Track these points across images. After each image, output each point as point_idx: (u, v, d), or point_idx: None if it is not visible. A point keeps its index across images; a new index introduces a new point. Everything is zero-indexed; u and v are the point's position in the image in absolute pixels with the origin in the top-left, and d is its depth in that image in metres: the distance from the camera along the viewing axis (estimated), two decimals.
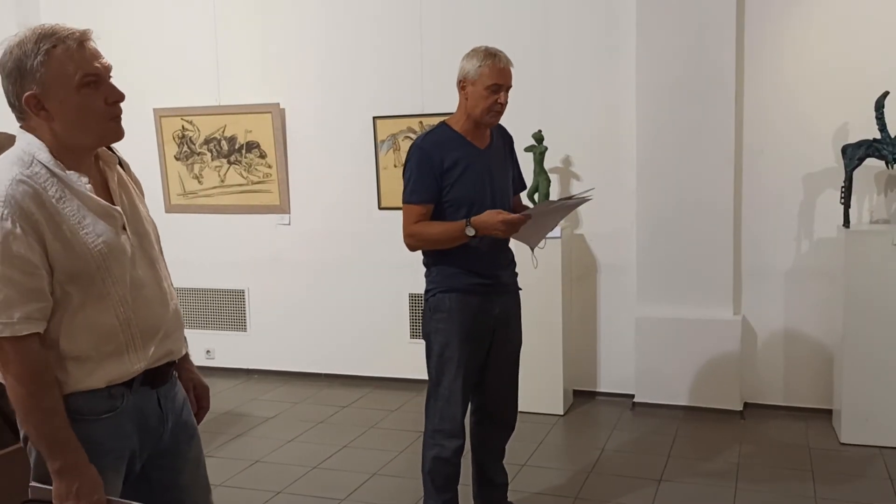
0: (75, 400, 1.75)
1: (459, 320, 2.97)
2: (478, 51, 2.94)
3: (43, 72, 1.66)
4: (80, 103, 1.70)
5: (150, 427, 1.89)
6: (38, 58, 1.66)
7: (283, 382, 5.40)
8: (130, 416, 1.83)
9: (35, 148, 1.71)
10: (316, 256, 5.47)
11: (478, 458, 3.26)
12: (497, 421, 3.22)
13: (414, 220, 2.94)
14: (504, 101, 2.94)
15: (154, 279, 1.88)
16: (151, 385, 1.87)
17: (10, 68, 1.68)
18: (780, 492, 3.60)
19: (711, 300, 4.59)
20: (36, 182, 1.67)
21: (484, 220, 2.86)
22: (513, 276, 3.17)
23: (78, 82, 1.69)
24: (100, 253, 1.74)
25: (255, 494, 3.69)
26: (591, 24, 4.78)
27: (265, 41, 5.42)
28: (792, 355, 4.62)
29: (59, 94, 1.68)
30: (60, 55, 1.67)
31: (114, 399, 1.80)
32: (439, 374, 3.01)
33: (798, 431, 4.33)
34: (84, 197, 1.75)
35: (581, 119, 4.84)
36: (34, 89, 1.68)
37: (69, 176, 1.73)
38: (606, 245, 4.89)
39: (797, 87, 4.46)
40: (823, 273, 4.46)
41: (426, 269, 3.08)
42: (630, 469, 3.92)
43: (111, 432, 1.80)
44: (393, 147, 5.15)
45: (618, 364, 4.90)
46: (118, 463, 1.84)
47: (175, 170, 5.62)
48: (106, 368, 1.77)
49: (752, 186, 4.59)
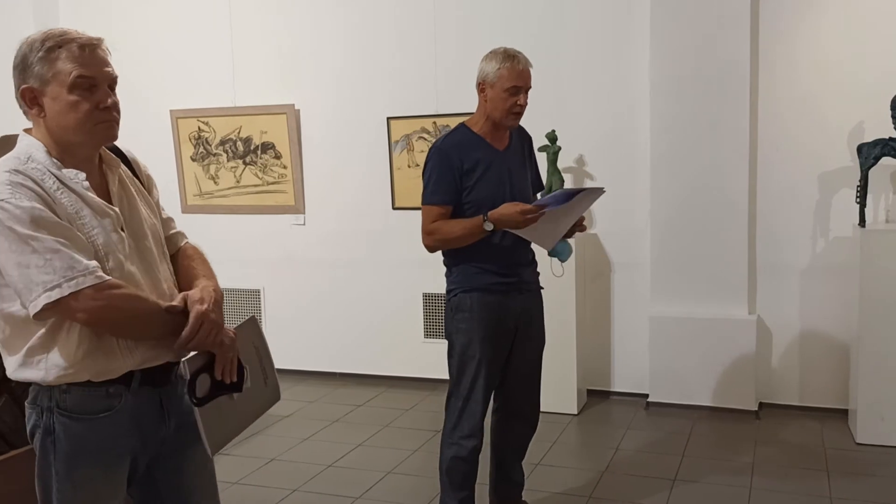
0: (73, 398, 1.77)
1: (481, 319, 2.98)
2: (497, 52, 2.94)
3: (40, 68, 1.73)
4: (70, 102, 1.74)
5: (151, 427, 1.89)
6: (39, 54, 1.73)
7: (299, 381, 5.43)
8: (129, 415, 1.84)
9: (33, 148, 1.77)
10: (330, 256, 5.50)
11: (498, 455, 3.26)
12: (519, 419, 3.23)
13: (433, 220, 2.94)
14: (524, 102, 2.94)
15: (151, 280, 1.87)
16: (152, 384, 1.87)
17: (17, 62, 1.77)
18: (795, 492, 3.58)
19: (726, 299, 4.58)
20: (31, 175, 1.72)
21: (501, 213, 2.85)
22: (534, 275, 3.17)
23: (71, 82, 1.73)
24: (94, 245, 1.76)
25: (271, 492, 3.72)
26: (604, 23, 4.78)
27: (280, 43, 5.45)
28: (807, 355, 4.60)
29: (52, 91, 1.74)
30: (61, 55, 1.73)
31: (111, 398, 1.81)
32: (460, 373, 3.02)
33: (813, 431, 4.31)
34: (80, 193, 1.78)
35: (594, 118, 4.84)
36: (31, 83, 1.75)
37: (65, 173, 1.77)
38: (620, 244, 4.88)
39: (812, 85, 4.44)
40: (839, 272, 4.43)
41: (447, 269, 3.08)
42: (644, 469, 3.91)
43: (109, 431, 1.81)
44: (407, 147, 5.17)
45: (632, 363, 4.89)
46: (118, 461, 1.85)
47: (191, 171, 5.67)
48: (96, 362, 1.76)
49: (767, 184, 4.57)
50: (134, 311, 1.76)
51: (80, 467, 1.80)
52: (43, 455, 1.81)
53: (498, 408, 3.22)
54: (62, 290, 1.65)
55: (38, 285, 1.65)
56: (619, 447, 4.18)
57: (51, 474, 1.80)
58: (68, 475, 1.79)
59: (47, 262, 1.65)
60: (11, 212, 1.65)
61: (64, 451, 1.78)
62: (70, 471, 1.79)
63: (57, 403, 1.78)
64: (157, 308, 1.80)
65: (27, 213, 1.66)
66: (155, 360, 1.85)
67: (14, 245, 1.65)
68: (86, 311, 1.68)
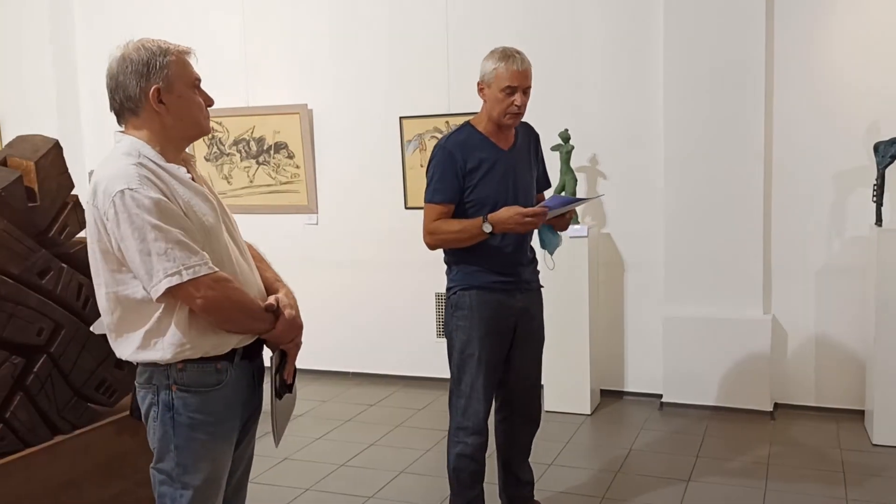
0: (188, 375, 1.97)
1: (480, 317, 2.98)
2: (494, 52, 2.93)
3: (169, 70, 1.96)
4: (193, 99, 2.01)
5: (248, 397, 2.11)
6: (166, 58, 1.96)
7: (312, 381, 5.44)
8: (234, 388, 2.04)
9: (139, 145, 1.96)
10: (343, 256, 5.50)
11: (503, 455, 3.26)
12: (522, 417, 3.23)
13: (434, 218, 2.96)
14: (521, 102, 2.91)
15: (247, 264, 2.11)
16: (249, 359, 2.09)
17: (138, 67, 1.94)
18: (810, 493, 3.56)
19: (741, 299, 4.55)
20: (150, 167, 1.92)
21: (500, 217, 2.86)
22: (534, 274, 3.17)
23: (193, 82, 2.01)
24: (206, 230, 1.96)
25: (284, 491, 3.73)
26: (618, 22, 4.76)
27: (293, 43, 5.47)
28: (823, 355, 4.56)
29: (179, 90, 1.98)
30: (181, 60, 2.00)
31: (220, 373, 2.01)
32: (461, 371, 3.02)
33: (829, 432, 4.28)
34: (187, 183, 1.99)
35: (608, 117, 4.82)
36: (160, 84, 1.95)
37: (172, 167, 1.98)
38: (634, 243, 4.86)
39: (828, 83, 4.41)
40: (855, 272, 4.40)
41: (447, 267, 3.10)
42: (658, 469, 3.90)
43: (222, 403, 2.02)
44: (419, 147, 5.17)
45: (645, 363, 4.87)
46: (230, 430, 2.07)
47: (205, 171, 5.69)
48: (208, 339, 1.96)
49: (783, 183, 4.54)
50: (242, 304, 1.98)
51: (199, 438, 1.99)
52: (162, 431, 1.99)
53: (500, 407, 3.22)
54: (181, 276, 1.85)
55: (159, 271, 1.84)
56: (632, 447, 4.17)
57: (170, 449, 1.98)
58: (188, 447, 1.98)
59: (169, 250, 1.84)
60: (140, 201, 1.84)
61: (184, 424, 1.97)
62: (189, 442, 1.98)
63: (175, 381, 1.97)
64: (257, 305, 2.03)
65: (154, 203, 1.85)
66: (248, 340, 2.06)
67: (139, 233, 1.84)
68: (204, 298, 1.88)
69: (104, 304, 1.98)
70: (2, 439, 2.53)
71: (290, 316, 2.07)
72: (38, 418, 2.64)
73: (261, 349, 2.13)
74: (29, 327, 2.60)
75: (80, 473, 1.95)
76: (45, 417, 2.66)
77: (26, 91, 5.91)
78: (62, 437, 2.68)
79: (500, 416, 3.24)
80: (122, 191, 1.84)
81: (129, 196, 1.83)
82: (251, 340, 2.07)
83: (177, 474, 1.99)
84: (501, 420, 3.24)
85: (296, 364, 2.15)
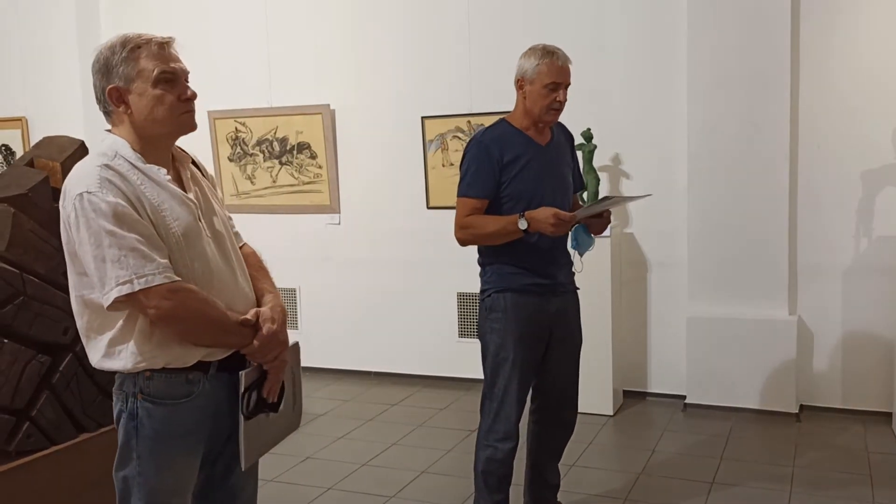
0: (155, 385, 1.88)
1: (514, 320, 2.94)
2: (536, 49, 2.92)
3: (124, 68, 1.87)
4: (157, 96, 1.88)
5: (226, 412, 1.97)
6: (122, 55, 1.87)
7: (334, 380, 5.46)
8: (207, 401, 1.93)
9: (118, 145, 1.88)
10: (365, 256, 5.52)
11: (534, 457, 3.23)
12: (557, 422, 3.19)
13: (467, 213, 2.91)
14: (563, 98, 2.92)
15: (229, 271, 1.99)
16: (228, 371, 1.95)
17: (99, 66, 1.89)
18: (837, 497, 3.51)
19: (766, 299, 4.49)
20: (119, 170, 1.84)
21: (537, 216, 2.81)
22: (570, 276, 3.12)
23: (155, 78, 1.87)
24: (177, 235, 1.87)
25: (306, 490, 3.74)
26: (642, 21, 4.73)
27: (315, 43, 5.49)
28: (850, 356, 4.50)
29: (138, 88, 1.87)
30: (142, 54, 1.87)
31: (191, 384, 1.91)
32: (494, 374, 2.99)
33: (856, 435, 4.22)
34: (163, 185, 1.89)
35: (631, 116, 4.79)
36: (116, 83, 1.87)
37: (149, 168, 1.89)
38: (657, 243, 4.83)
39: (854, 82, 4.34)
40: (883, 272, 4.33)
41: (481, 268, 3.05)
42: (682, 471, 3.86)
43: (190, 416, 1.91)
44: (441, 146, 5.17)
45: (669, 364, 4.83)
46: (196, 445, 1.96)
47: (228, 171, 5.73)
48: (170, 351, 1.86)
49: (808, 183, 4.48)
50: (205, 316, 1.86)
51: (161, 451, 1.89)
52: (126, 439, 1.90)
53: (535, 409, 3.19)
54: (133, 285, 1.76)
55: (111, 279, 1.77)
56: (655, 449, 4.13)
57: (132, 457, 1.89)
58: (150, 458, 1.89)
59: (123, 258, 1.76)
60: (97, 205, 1.77)
61: (146, 436, 1.88)
62: (151, 454, 1.89)
63: (141, 389, 1.88)
64: (226, 317, 1.90)
65: (111, 207, 1.77)
66: (221, 353, 1.94)
67: (94, 238, 1.77)
68: (157, 308, 1.79)
69: (75, 308, 1.92)
70: (28, 437, 2.56)
71: (270, 331, 1.94)
72: (64, 416, 2.67)
73: (243, 362, 1.98)
74: (55, 326, 2.64)
75: (105, 471, 1.96)
76: (71, 415, 2.69)
77: (52, 92, 5.98)
78: (88, 435, 2.72)
79: (534, 419, 3.20)
80: (80, 194, 1.77)
81: (86, 199, 1.77)
82: (224, 354, 1.95)
83: (138, 483, 1.90)
84: (535, 422, 3.20)
85: (284, 382, 2.02)
